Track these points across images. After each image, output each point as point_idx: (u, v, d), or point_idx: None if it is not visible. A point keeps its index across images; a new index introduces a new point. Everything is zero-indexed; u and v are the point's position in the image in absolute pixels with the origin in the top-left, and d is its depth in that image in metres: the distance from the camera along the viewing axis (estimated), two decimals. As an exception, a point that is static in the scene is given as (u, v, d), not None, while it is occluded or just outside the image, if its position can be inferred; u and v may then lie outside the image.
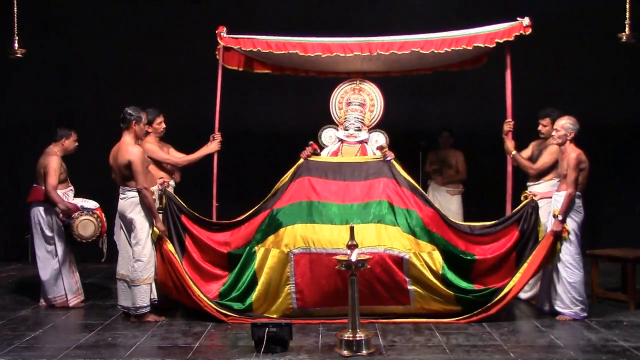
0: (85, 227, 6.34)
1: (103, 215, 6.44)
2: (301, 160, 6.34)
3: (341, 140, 6.60)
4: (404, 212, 5.90)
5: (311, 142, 6.42)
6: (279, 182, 6.31)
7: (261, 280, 5.90)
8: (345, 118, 6.66)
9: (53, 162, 6.34)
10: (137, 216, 5.77)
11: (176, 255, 5.86)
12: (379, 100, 6.74)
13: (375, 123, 6.73)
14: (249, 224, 6.15)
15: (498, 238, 5.95)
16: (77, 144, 6.59)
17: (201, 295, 5.83)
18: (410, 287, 5.76)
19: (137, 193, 5.74)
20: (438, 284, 5.75)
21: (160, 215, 5.94)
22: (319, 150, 6.49)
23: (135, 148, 5.76)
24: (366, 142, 6.59)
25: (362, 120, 6.64)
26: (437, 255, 5.81)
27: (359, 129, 6.59)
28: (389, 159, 6.25)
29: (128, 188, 5.79)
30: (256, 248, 5.96)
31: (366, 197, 6.04)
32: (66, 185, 6.49)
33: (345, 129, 6.61)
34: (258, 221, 6.10)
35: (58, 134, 6.51)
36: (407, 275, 5.74)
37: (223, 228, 6.19)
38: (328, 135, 6.71)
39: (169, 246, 5.85)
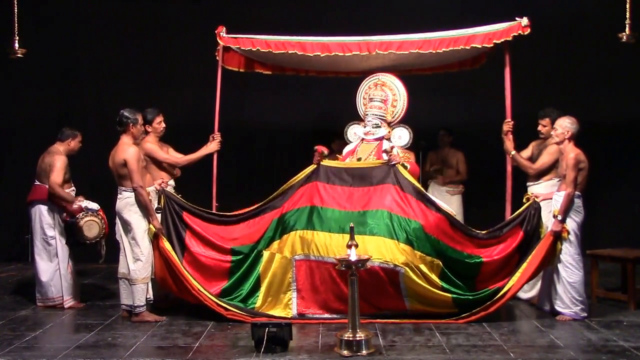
0: (90, 227, 6.34)
1: (105, 216, 6.45)
2: (314, 165, 6.25)
3: (362, 138, 6.55)
4: (404, 221, 5.82)
5: (316, 147, 6.26)
6: (288, 182, 6.25)
7: (264, 284, 5.91)
8: (367, 115, 6.60)
9: (60, 160, 6.31)
10: (132, 217, 5.77)
11: (173, 253, 5.84)
12: (401, 95, 6.62)
13: (399, 118, 6.63)
14: (254, 221, 6.14)
15: (504, 239, 5.91)
16: (81, 145, 6.58)
17: (202, 290, 5.81)
18: (405, 297, 5.77)
19: (132, 193, 5.74)
20: (436, 291, 5.73)
21: (159, 215, 5.93)
22: (326, 152, 6.34)
23: (131, 148, 5.77)
24: (387, 139, 6.46)
25: (383, 116, 6.53)
26: (436, 264, 5.76)
27: (378, 126, 6.49)
28: (393, 163, 6.14)
29: (124, 188, 5.79)
30: (264, 252, 5.96)
31: (367, 205, 5.98)
32: (69, 185, 6.46)
33: (365, 126, 6.56)
34: (265, 223, 6.09)
35: (64, 134, 6.47)
36: (402, 288, 5.72)
37: (227, 221, 6.16)
38: (353, 132, 6.66)
39: (166, 244, 5.84)
